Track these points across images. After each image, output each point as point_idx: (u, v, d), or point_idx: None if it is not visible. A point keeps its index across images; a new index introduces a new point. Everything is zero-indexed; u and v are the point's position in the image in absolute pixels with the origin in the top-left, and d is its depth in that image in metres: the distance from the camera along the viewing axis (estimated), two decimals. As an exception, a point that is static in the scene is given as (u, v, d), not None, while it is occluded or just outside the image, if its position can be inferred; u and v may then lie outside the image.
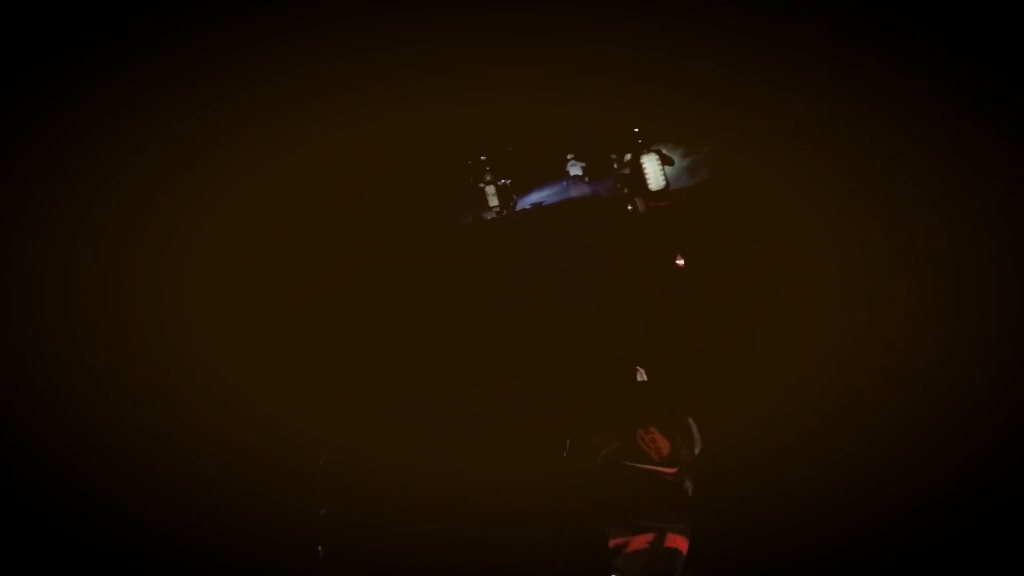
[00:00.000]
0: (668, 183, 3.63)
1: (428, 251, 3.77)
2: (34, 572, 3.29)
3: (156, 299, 3.63)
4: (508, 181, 3.73)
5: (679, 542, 2.98)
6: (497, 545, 3.44)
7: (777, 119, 3.77)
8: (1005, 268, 3.62)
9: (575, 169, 3.81)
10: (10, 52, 3.43)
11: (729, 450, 3.65)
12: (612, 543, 2.99)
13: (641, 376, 3.37)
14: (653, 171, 3.59)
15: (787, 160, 3.78)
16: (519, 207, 3.78)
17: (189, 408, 3.59)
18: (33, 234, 3.53)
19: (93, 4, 3.45)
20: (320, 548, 3.39)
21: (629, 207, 3.66)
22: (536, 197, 3.82)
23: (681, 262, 3.72)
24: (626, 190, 3.67)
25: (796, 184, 3.78)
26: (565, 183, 3.82)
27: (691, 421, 3.19)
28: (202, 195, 3.67)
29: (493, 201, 3.73)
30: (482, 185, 3.72)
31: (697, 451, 3.17)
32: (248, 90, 3.66)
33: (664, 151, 3.63)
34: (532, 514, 3.49)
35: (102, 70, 3.53)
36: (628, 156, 3.64)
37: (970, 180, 3.67)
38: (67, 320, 3.53)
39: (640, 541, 2.97)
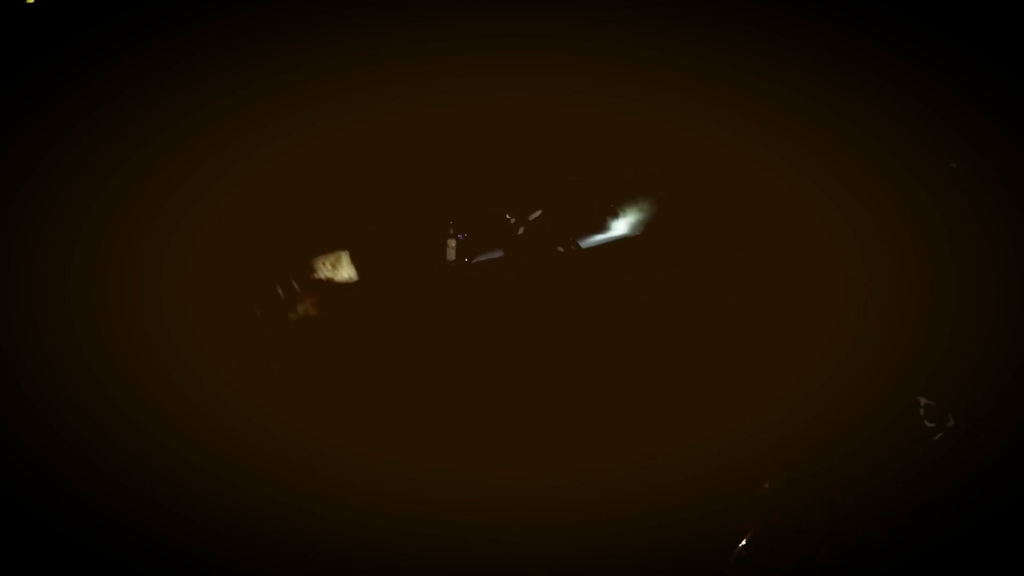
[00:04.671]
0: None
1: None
2: (34, 572, 3.29)
3: (156, 299, 3.63)
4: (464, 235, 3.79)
5: None
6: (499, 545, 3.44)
7: (776, 119, 3.77)
8: (1007, 267, 3.62)
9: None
10: (10, 51, 3.42)
11: (724, 452, 3.67)
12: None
13: None
14: None
15: (786, 160, 3.78)
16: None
17: (189, 408, 3.59)
18: (33, 234, 3.53)
19: (93, 4, 3.45)
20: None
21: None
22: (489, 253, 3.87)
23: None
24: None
25: (795, 184, 3.78)
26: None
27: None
28: (201, 195, 3.67)
29: (451, 255, 3.78)
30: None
31: None
32: (246, 90, 3.66)
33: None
34: (532, 514, 3.50)
35: (101, 70, 3.52)
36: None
37: (970, 179, 3.67)
38: (67, 320, 3.53)
39: None
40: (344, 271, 3.67)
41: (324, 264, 3.72)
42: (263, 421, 3.60)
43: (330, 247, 3.82)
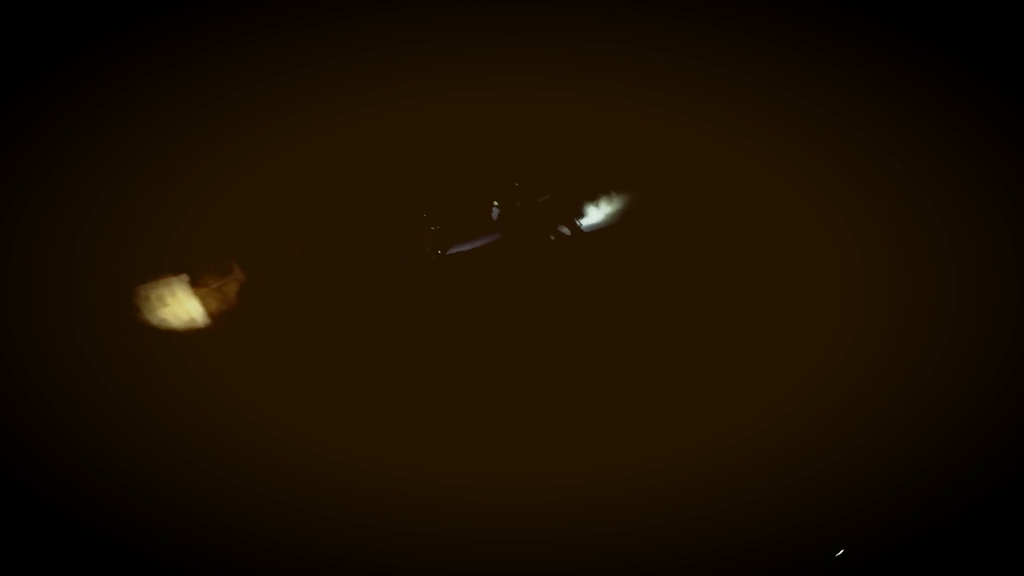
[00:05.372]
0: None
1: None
2: (34, 572, 3.29)
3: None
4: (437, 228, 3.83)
5: None
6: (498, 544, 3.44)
7: (776, 119, 3.77)
8: (1006, 267, 3.62)
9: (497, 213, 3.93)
10: (10, 51, 3.43)
11: (725, 452, 3.66)
12: None
13: None
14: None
15: (786, 160, 3.78)
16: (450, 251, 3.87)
17: (188, 408, 3.59)
18: (33, 234, 3.53)
19: (93, 4, 3.45)
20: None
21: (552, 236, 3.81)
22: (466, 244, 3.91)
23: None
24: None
25: (794, 184, 3.78)
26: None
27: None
28: (201, 195, 3.68)
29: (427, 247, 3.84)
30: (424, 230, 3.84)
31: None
32: (245, 91, 3.66)
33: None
34: (531, 514, 3.50)
35: (101, 70, 3.53)
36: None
37: (970, 179, 3.67)
38: (67, 320, 3.53)
39: None
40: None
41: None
42: (262, 421, 3.60)
43: (329, 247, 3.82)
